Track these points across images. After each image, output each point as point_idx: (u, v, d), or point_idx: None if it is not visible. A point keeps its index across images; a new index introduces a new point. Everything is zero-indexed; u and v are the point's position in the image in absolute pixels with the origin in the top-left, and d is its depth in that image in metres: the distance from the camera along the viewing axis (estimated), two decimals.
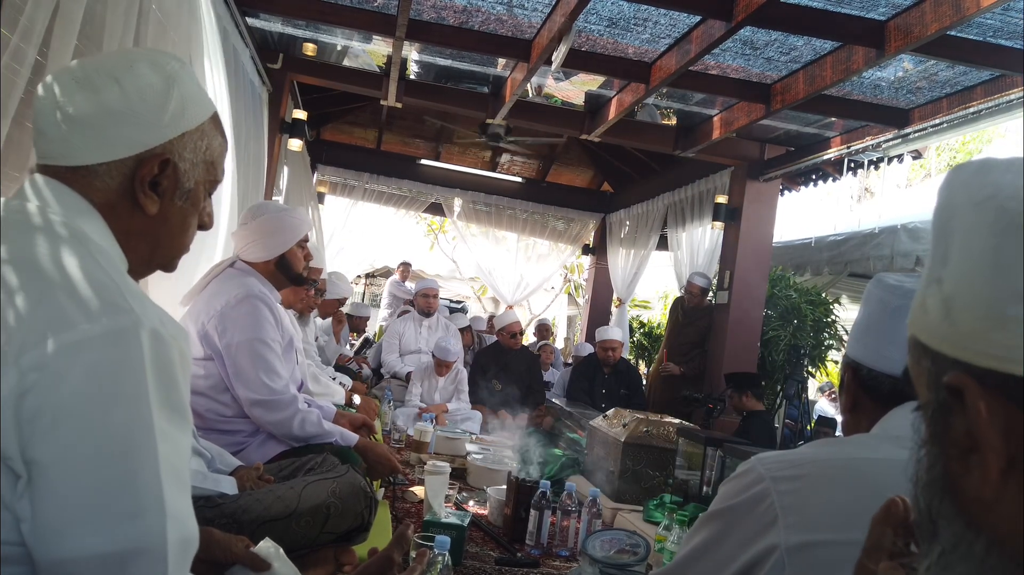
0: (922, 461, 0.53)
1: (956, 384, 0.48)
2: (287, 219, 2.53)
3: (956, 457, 0.49)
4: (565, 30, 3.57)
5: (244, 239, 2.51)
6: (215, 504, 1.74)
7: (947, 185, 0.54)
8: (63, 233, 0.89)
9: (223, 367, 2.33)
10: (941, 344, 0.51)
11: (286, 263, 2.51)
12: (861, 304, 1.15)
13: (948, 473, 0.50)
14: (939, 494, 0.51)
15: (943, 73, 3.87)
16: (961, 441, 0.49)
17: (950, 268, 0.51)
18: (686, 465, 3.18)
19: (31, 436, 0.77)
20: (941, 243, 0.53)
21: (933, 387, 0.52)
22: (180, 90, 0.98)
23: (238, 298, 2.35)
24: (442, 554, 1.80)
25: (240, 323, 2.32)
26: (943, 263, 0.52)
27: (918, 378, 0.55)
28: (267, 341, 2.35)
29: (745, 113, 4.73)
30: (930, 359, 0.52)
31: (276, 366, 2.35)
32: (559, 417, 5.43)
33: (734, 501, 1.03)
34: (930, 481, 0.52)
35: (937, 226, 0.54)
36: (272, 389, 2.32)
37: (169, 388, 0.84)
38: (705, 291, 5.95)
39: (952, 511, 0.50)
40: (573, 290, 13.44)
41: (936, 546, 0.51)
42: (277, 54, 5.07)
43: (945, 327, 0.50)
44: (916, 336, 0.55)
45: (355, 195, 8.32)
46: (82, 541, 0.77)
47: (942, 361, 0.51)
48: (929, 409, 0.53)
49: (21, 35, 1.69)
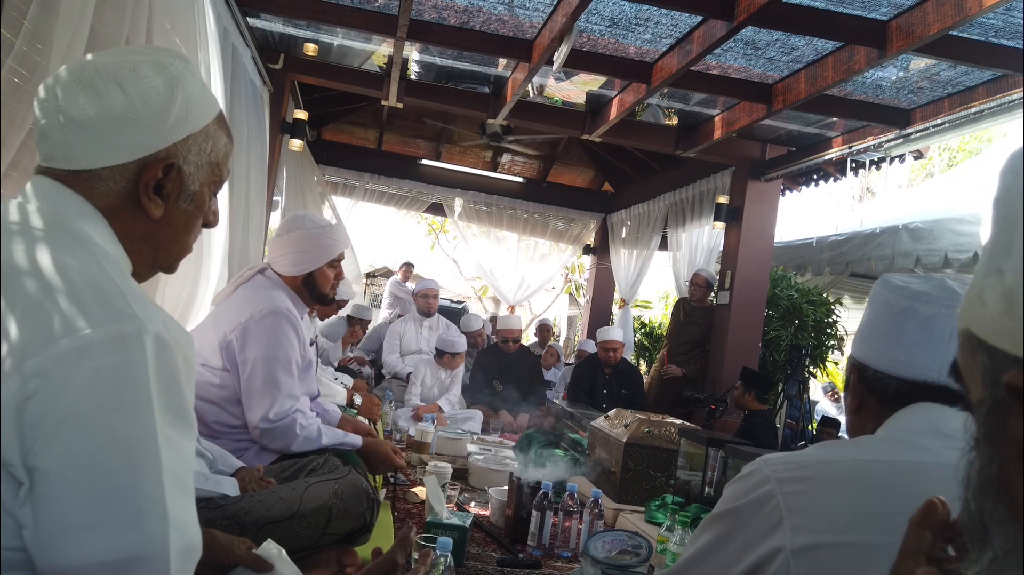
0: (974, 462, 0.50)
1: (1016, 383, 0.45)
2: (322, 238, 2.46)
3: (1013, 459, 0.46)
4: (566, 30, 3.57)
5: (277, 250, 2.47)
6: (217, 506, 1.74)
7: (1011, 170, 0.50)
8: (66, 236, 0.88)
9: (238, 381, 2.29)
10: (1000, 339, 0.48)
11: (312, 282, 2.46)
12: (867, 305, 1.14)
13: (1004, 476, 0.47)
14: (993, 497, 0.48)
15: (945, 73, 3.87)
16: (1019, 443, 0.46)
17: (1013, 258, 0.47)
18: (688, 466, 3.17)
19: (33, 443, 0.77)
20: (1004, 232, 0.49)
21: (989, 384, 0.49)
22: (184, 92, 0.97)
23: (263, 312, 2.30)
24: (444, 555, 1.79)
25: (261, 339, 2.27)
26: (1006, 253, 0.48)
27: (971, 374, 0.52)
28: (283, 360, 2.29)
29: (746, 113, 4.73)
30: (986, 354, 0.49)
31: (288, 387, 2.29)
32: (560, 417, 5.42)
33: (739, 502, 1.02)
34: (982, 483, 0.49)
35: (1000, 213, 0.50)
36: (273, 417, 2.25)
37: (173, 394, 0.84)
38: (710, 285, 5.95)
39: (1006, 515, 0.47)
40: (574, 290, 13.43)
41: (988, 551, 0.48)
42: (278, 54, 5.07)
43: (1006, 321, 0.47)
44: (970, 329, 0.51)
45: (356, 195, 8.32)
46: (84, 548, 0.77)
47: (1001, 357, 0.48)
48: (984, 407, 0.50)
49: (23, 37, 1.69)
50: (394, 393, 5.48)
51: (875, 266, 5.61)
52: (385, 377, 6.11)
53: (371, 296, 15.48)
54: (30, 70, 1.74)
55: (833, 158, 5.15)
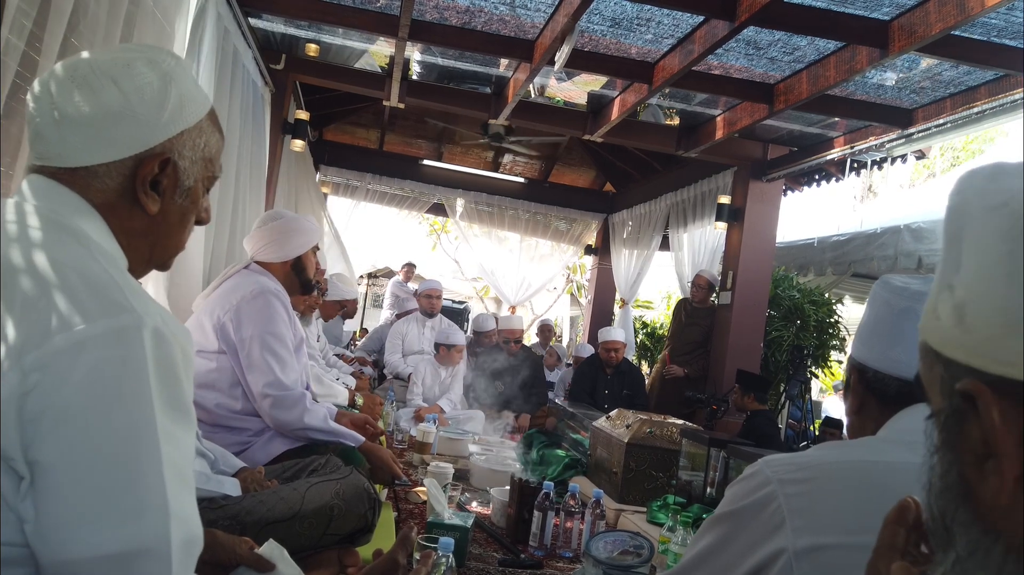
0: (935, 468, 0.53)
1: (970, 391, 0.48)
2: (304, 224, 2.63)
3: (971, 463, 0.49)
4: (568, 30, 3.57)
5: (261, 240, 2.57)
6: (218, 506, 1.74)
7: (958, 191, 0.54)
8: (63, 233, 0.88)
9: (236, 361, 2.37)
10: (954, 351, 0.50)
11: (301, 266, 2.59)
12: (867, 306, 1.14)
13: (963, 480, 0.50)
14: (954, 501, 0.50)
15: (947, 73, 3.87)
16: (976, 448, 0.48)
17: (963, 274, 0.50)
18: (690, 466, 3.17)
19: (34, 437, 0.77)
20: (953, 249, 0.52)
21: (946, 394, 0.52)
22: (178, 88, 0.98)
23: (254, 293, 2.41)
24: (446, 555, 1.79)
25: (255, 317, 2.38)
26: (955, 269, 0.51)
27: (931, 385, 0.54)
28: (280, 336, 2.40)
29: (748, 113, 4.73)
30: (943, 365, 0.52)
31: (288, 361, 2.40)
32: (562, 418, 5.42)
33: (741, 504, 1.02)
34: (944, 488, 0.51)
35: (948, 232, 0.53)
36: (283, 384, 2.36)
37: (172, 387, 0.84)
38: (712, 286, 5.95)
39: (968, 518, 0.49)
40: (575, 290, 13.43)
41: (951, 553, 0.50)
42: (279, 55, 5.07)
43: (958, 333, 0.50)
44: (928, 342, 0.54)
45: (357, 196, 8.32)
46: (86, 542, 0.77)
47: (955, 368, 0.50)
48: (942, 415, 0.52)
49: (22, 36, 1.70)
50: (396, 393, 5.48)
51: (877, 266, 5.61)
52: (387, 377, 6.11)
53: (373, 296, 15.50)
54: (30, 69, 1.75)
55: (835, 158, 5.14)
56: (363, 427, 2.69)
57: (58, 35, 1.79)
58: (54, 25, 1.79)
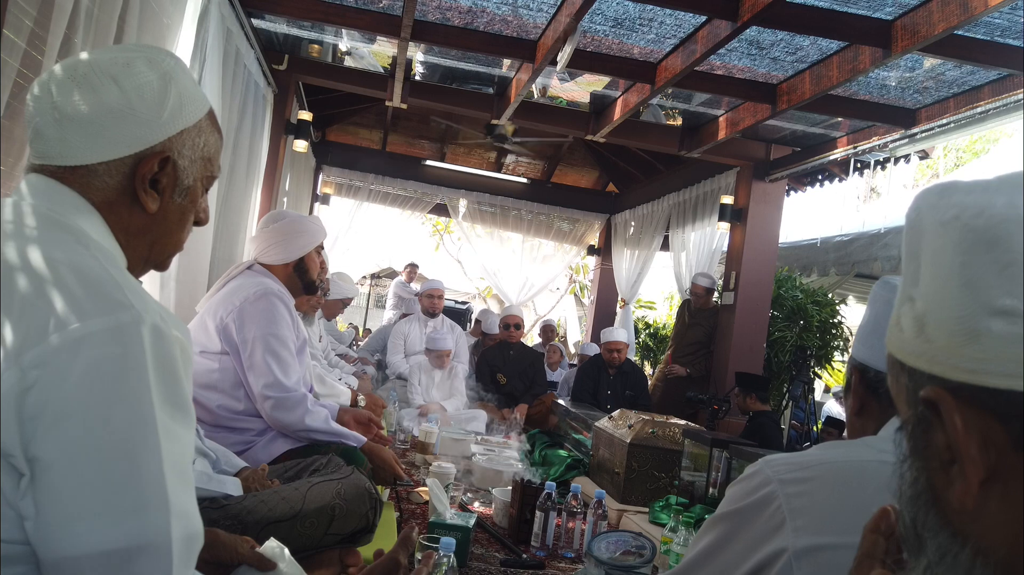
0: (905, 476, 0.54)
1: (932, 398, 0.50)
2: (308, 224, 2.63)
3: (938, 470, 0.50)
4: (570, 30, 3.57)
5: (264, 241, 2.57)
6: (220, 505, 1.74)
7: (913, 209, 0.56)
8: (62, 232, 0.89)
9: (239, 361, 2.38)
10: (917, 360, 0.52)
11: (303, 267, 2.60)
12: (867, 306, 1.14)
13: (931, 486, 0.51)
14: (923, 507, 0.52)
15: (950, 73, 3.86)
16: (942, 454, 0.50)
17: (921, 287, 0.53)
18: (692, 466, 3.17)
19: (33, 433, 0.77)
20: (912, 263, 0.55)
21: (912, 403, 0.53)
22: (177, 87, 0.98)
23: (257, 295, 2.42)
24: (447, 556, 1.79)
25: (258, 318, 2.38)
26: (914, 282, 0.54)
27: (898, 395, 0.56)
28: (282, 338, 2.41)
29: (751, 113, 4.72)
30: (907, 375, 0.54)
31: (289, 363, 2.40)
32: (564, 418, 5.42)
33: (742, 503, 1.02)
34: (914, 495, 0.53)
35: (907, 248, 0.56)
36: (284, 386, 2.36)
37: (171, 384, 0.84)
38: (710, 291, 5.94)
39: (937, 523, 0.51)
40: (578, 291, 13.43)
41: (923, 558, 0.51)
42: (282, 55, 5.08)
43: (919, 343, 0.52)
44: (893, 354, 0.56)
45: (360, 196, 8.33)
46: (86, 538, 0.77)
47: (918, 377, 0.52)
48: (909, 424, 0.54)
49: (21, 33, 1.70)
50: (398, 394, 5.48)
51: (880, 267, 5.60)
52: (389, 377, 6.11)
53: (376, 297, 15.51)
54: (33, 70, 1.75)
55: (838, 158, 5.14)
56: (367, 424, 2.69)
57: (59, 36, 1.79)
58: (55, 26, 1.79)
